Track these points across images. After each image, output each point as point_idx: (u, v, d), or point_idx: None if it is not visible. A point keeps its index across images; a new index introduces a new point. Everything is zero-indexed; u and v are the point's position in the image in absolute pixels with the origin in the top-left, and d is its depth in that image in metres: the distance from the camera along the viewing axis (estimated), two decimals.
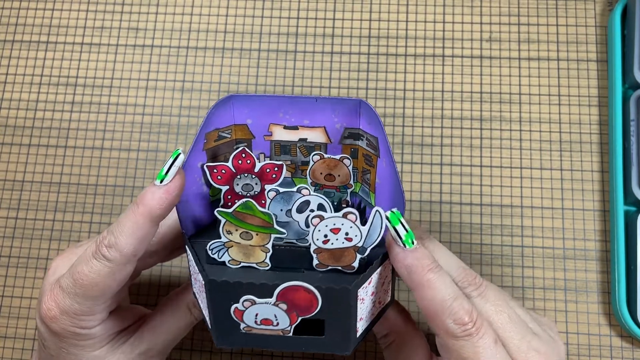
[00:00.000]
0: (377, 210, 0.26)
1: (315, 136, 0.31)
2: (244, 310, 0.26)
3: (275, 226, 0.26)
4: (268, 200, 0.29)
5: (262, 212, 0.26)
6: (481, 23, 0.46)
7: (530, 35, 0.45)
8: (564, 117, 0.44)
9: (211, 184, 0.30)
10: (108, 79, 0.46)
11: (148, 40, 0.47)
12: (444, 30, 0.46)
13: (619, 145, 0.41)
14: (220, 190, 0.30)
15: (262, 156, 0.31)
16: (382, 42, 0.46)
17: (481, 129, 0.44)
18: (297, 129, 0.31)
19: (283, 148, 0.32)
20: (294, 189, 0.29)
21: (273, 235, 0.26)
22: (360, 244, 0.26)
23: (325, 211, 0.28)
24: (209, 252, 0.27)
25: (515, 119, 0.44)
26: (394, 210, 0.26)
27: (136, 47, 0.46)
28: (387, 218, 0.26)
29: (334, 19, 0.46)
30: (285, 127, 0.31)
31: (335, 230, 0.26)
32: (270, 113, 0.31)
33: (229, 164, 0.29)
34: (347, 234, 0.26)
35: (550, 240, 0.42)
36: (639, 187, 0.40)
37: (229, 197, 0.30)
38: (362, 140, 0.31)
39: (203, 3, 0.47)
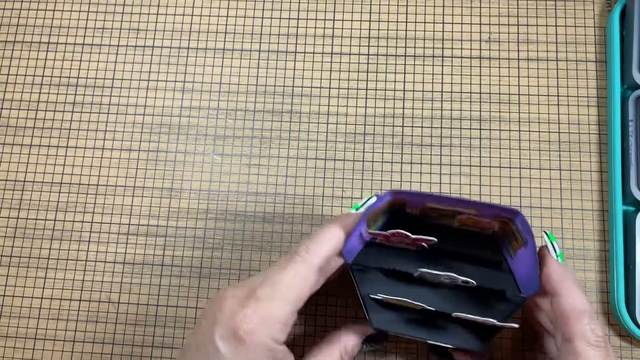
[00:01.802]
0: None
1: (469, 214, 0.35)
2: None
3: (424, 306, 0.32)
4: (417, 272, 0.34)
5: (414, 304, 0.32)
6: (480, 24, 0.46)
7: (529, 36, 0.45)
8: (563, 117, 0.44)
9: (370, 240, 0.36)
10: (109, 79, 0.46)
11: (149, 41, 0.47)
12: (443, 31, 0.46)
13: (617, 145, 0.41)
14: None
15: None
16: (381, 43, 0.46)
17: (480, 129, 0.44)
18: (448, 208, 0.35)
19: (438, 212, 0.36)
20: (442, 273, 0.33)
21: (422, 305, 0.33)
22: (491, 322, 0.32)
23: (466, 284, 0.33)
24: (371, 297, 0.34)
25: (515, 120, 0.44)
26: (548, 231, 0.34)
27: (137, 47, 0.47)
28: (546, 233, 0.33)
29: (333, 20, 0.46)
30: (438, 208, 0.35)
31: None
32: (425, 198, 0.35)
33: (387, 234, 0.33)
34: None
35: None
36: (638, 187, 0.40)
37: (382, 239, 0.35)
38: (514, 224, 0.34)
39: (203, 4, 0.47)
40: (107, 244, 0.43)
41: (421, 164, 0.43)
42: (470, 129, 0.44)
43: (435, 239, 0.33)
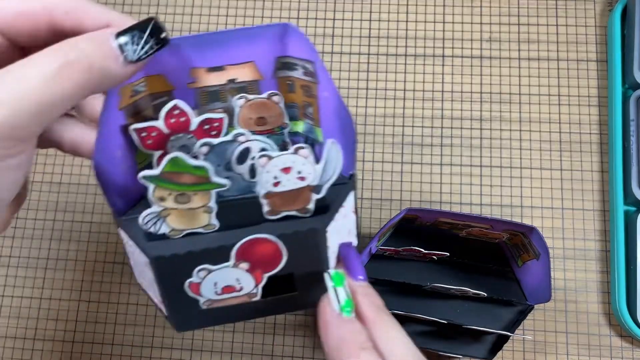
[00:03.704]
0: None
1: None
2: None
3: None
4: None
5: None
6: (481, 23, 0.46)
7: (530, 36, 0.45)
8: (564, 117, 0.44)
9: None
10: None
11: None
12: (443, 31, 0.46)
13: (618, 145, 0.41)
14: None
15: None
16: (382, 43, 0.46)
17: (481, 129, 0.44)
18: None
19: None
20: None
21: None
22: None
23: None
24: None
25: (515, 119, 0.44)
26: (340, 271, 0.24)
27: None
28: (330, 276, 0.23)
29: (334, 19, 0.46)
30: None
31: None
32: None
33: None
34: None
35: (550, 240, 0.42)
36: (639, 187, 0.40)
37: None
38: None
39: (203, 4, 0.47)
40: (106, 244, 0.43)
41: (421, 164, 0.43)
42: (471, 129, 0.44)
43: (448, 254, 0.33)
